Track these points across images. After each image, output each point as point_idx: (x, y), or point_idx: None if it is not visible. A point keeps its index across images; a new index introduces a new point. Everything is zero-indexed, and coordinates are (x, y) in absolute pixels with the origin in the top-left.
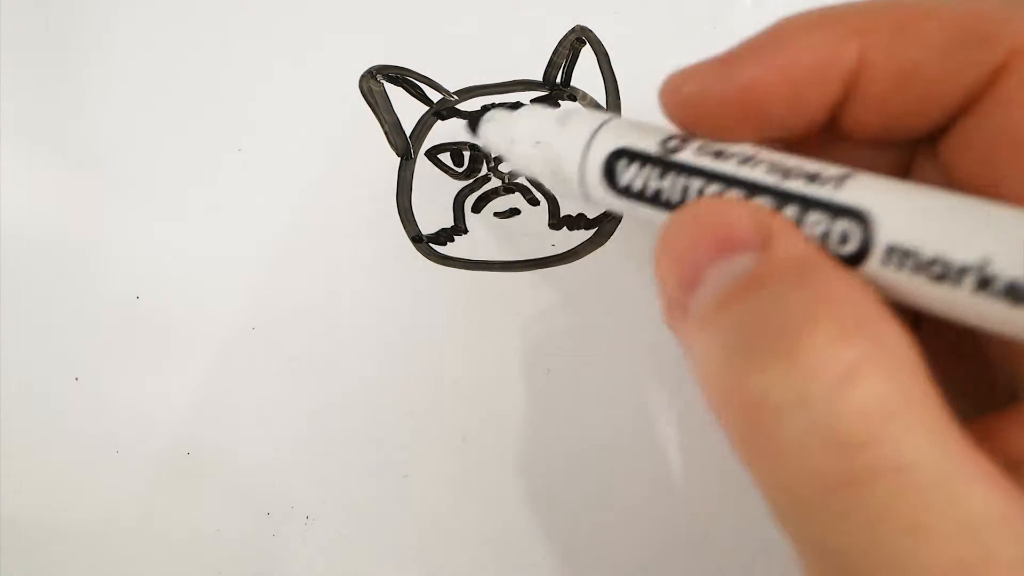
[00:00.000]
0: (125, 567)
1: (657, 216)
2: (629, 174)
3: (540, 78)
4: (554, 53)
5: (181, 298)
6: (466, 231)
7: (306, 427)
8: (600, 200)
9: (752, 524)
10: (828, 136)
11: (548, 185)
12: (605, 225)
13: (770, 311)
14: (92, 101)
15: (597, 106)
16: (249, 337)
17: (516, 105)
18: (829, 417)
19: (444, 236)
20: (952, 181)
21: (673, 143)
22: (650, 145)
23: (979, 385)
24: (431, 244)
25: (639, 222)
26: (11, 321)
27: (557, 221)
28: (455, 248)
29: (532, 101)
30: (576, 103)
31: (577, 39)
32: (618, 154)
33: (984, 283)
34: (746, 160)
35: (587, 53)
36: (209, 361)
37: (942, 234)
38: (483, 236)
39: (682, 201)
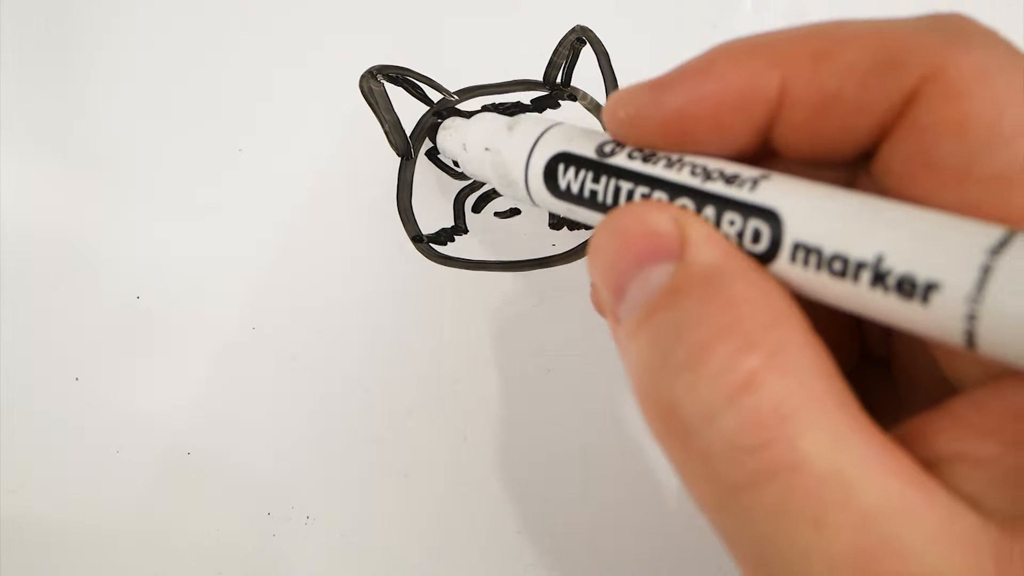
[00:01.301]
0: (125, 567)
1: (595, 218)
2: (568, 177)
3: (540, 78)
4: (554, 53)
5: (181, 298)
6: (466, 231)
7: (306, 427)
8: (544, 203)
9: None
10: (773, 152)
11: (498, 189)
12: None
13: (681, 326)
14: (93, 101)
15: (597, 106)
16: (249, 337)
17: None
18: (730, 426)
19: (444, 236)
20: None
21: (609, 147)
22: (587, 149)
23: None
24: (431, 244)
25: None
26: (11, 321)
27: (557, 221)
28: (455, 248)
29: (532, 101)
30: (528, 114)
31: (577, 39)
32: (559, 158)
33: (879, 278)
34: (672, 163)
35: (587, 53)
36: (209, 361)
37: (842, 232)
38: (483, 236)
39: (615, 202)
